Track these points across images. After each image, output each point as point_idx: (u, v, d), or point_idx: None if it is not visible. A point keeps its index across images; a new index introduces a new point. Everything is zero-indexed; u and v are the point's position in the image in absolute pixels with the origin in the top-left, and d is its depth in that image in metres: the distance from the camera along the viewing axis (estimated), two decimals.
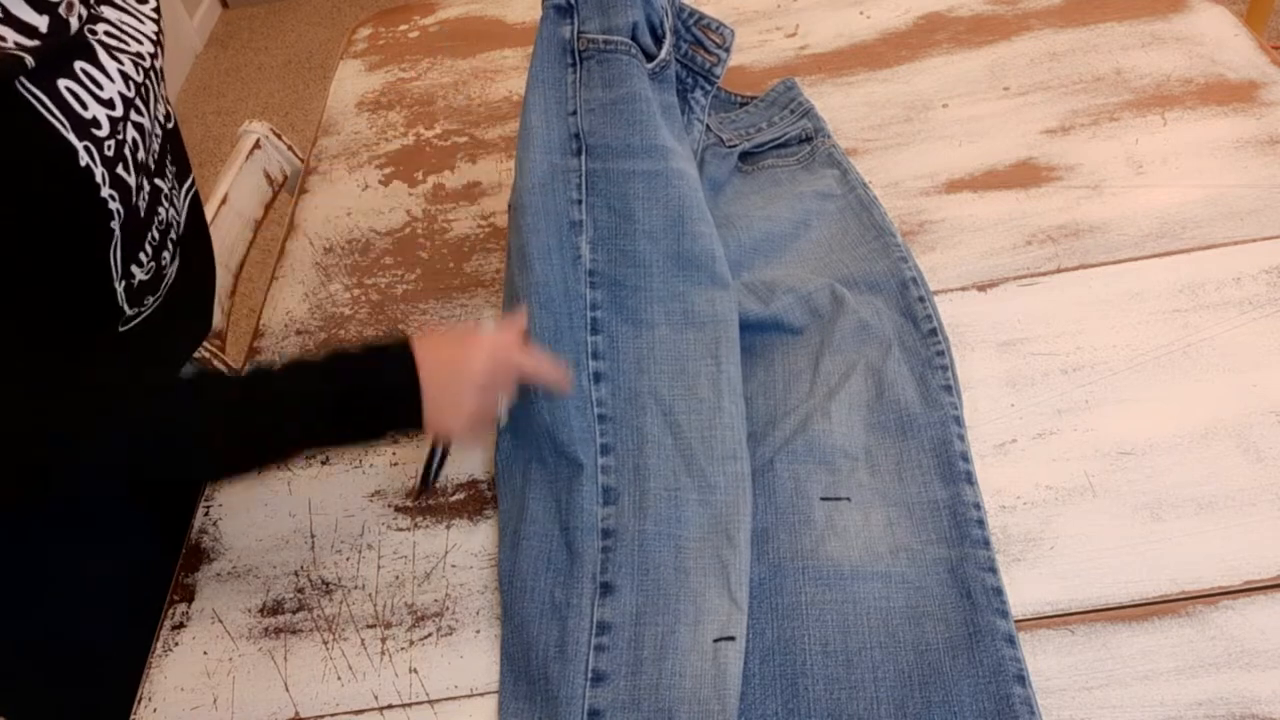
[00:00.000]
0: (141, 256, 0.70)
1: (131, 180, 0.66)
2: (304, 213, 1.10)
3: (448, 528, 0.77)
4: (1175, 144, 0.95)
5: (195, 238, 0.81)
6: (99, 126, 0.61)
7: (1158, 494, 0.70)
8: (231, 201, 1.08)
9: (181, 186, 0.79)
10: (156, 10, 0.72)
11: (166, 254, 0.75)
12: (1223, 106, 0.98)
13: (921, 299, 0.83)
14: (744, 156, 1.00)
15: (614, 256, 0.79)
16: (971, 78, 1.07)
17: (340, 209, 1.09)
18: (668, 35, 0.84)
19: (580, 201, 0.79)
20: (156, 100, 0.71)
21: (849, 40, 1.16)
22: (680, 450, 0.73)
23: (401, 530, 0.77)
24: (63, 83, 0.60)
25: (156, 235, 0.72)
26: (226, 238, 1.06)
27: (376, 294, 0.98)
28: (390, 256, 1.02)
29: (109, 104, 0.63)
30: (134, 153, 0.66)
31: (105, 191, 0.63)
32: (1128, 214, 0.89)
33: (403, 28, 1.37)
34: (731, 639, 0.64)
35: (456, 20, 1.36)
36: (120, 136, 0.64)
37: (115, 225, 0.65)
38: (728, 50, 0.91)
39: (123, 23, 0.67)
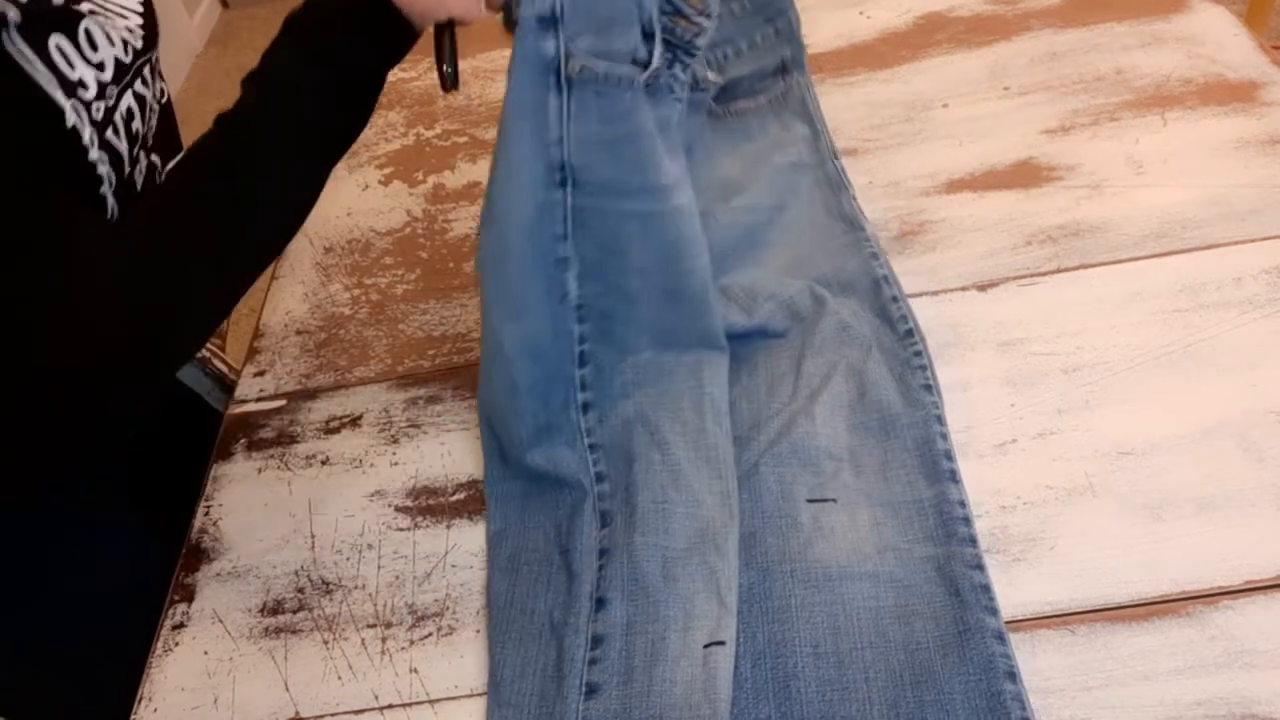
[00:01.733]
0: None
1: (123, 147, 0.64)
2: None
3: (448, 527, 0.77)
4: (1175, 144, 0.95)
5: None
6: (85, 88, 0.60)
7: (1158, 494, 0.70)
8: None
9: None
10: (144, 3, 0.70)
11: None
12: (1223, 106, 0.98)
13: (895, 299, 0.83)
14: (715, 96, 0.98)
15: (600, 290, 0.76)
16: (971, 78, 1.07)
17: (340, 209, 1.09)
18: (657, 34, 0.75)
19: (565, 238, 0.74)
20: (156, 77, 0.70)
21: (849, 40, 1.16)
22: (668, 466, 0.73)
23: (401, 530, 0.77)
24: (54, 40, 0.58)
25: None
26: None
27: (376, 294, 0.98)
28: (390, 256, 1.02)
29: (99, 66, 0.61)
30: (128, 120, 0.64)
31: (94, 154, 0.61)
32: (1128, 214, 0.89)
33: None
34: (721, 644, 0.64)
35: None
36: (110, 102, 0.62)
37: (107, 191, 0.63)
38: (709, 16, 0.80)
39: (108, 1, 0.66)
